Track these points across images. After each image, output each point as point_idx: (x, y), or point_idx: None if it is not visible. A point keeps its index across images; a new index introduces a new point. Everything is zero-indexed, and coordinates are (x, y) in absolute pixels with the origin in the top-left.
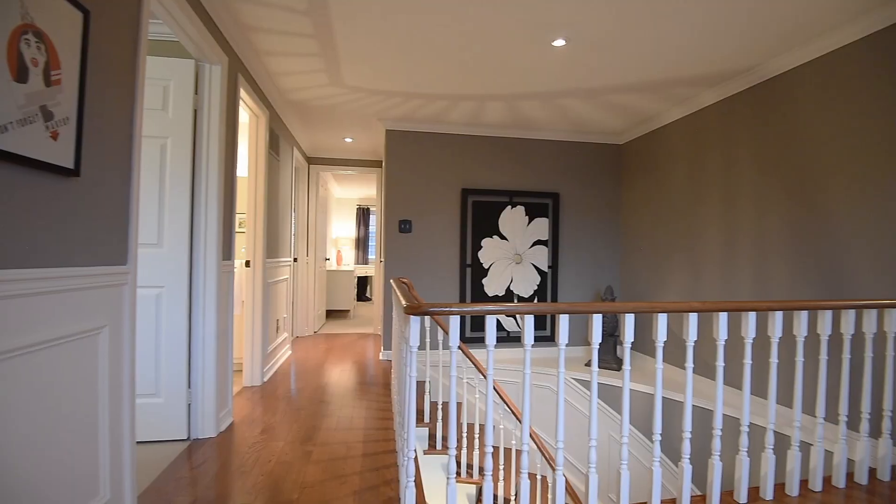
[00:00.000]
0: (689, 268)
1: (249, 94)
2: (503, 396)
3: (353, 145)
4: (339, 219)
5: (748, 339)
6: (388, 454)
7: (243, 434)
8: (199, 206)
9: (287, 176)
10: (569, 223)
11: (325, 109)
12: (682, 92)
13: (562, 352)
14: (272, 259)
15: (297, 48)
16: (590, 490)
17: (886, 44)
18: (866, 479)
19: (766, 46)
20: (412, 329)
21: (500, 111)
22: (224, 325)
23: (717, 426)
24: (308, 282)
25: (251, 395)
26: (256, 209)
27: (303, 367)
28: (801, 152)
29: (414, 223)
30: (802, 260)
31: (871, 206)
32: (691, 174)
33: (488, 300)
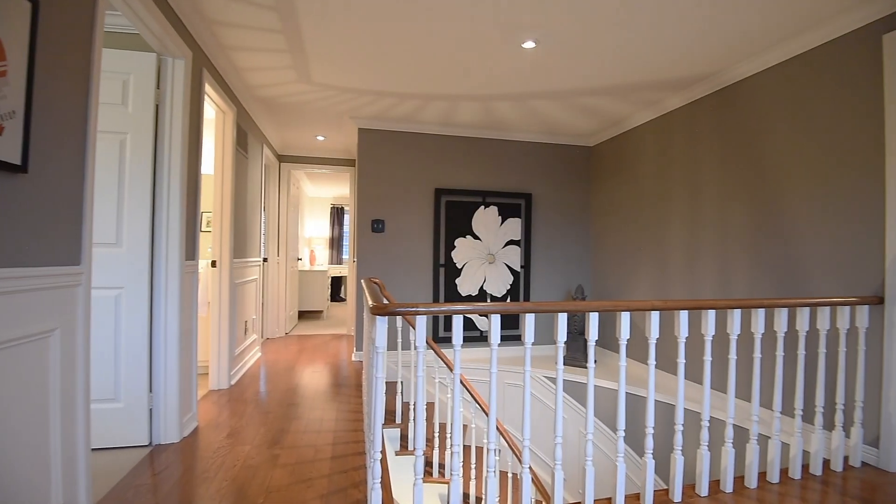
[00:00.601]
0: (656, 267)
1: (216, 89)
2: (475, 395)
3: (326, 144)
4: (313, 218)
5: (707, 336)
6: (358, 456)
7: (208, 439)
8: (161, 204)
9: (256, 174)
10: (541, 223)
11: (295, 107)
12: (649, 96)
13: (527, 350)
14: (240, 259)
15: (264, 44)
16: (555, 486)
17: (838, 53)
18: (821, 469)
19: (728, 53)
20: (378, 329)
21: (473, 112)
22: (188, 327)
23: (679, 421)
24: (279, 282)
25: (217, 399)
26: (223, 208)
27: (273, 370)
28: (761, 155)
29: (387, 223)
30: (762, 259)
31: (824, 207)
32: (658, 176)
33: (462, 300)
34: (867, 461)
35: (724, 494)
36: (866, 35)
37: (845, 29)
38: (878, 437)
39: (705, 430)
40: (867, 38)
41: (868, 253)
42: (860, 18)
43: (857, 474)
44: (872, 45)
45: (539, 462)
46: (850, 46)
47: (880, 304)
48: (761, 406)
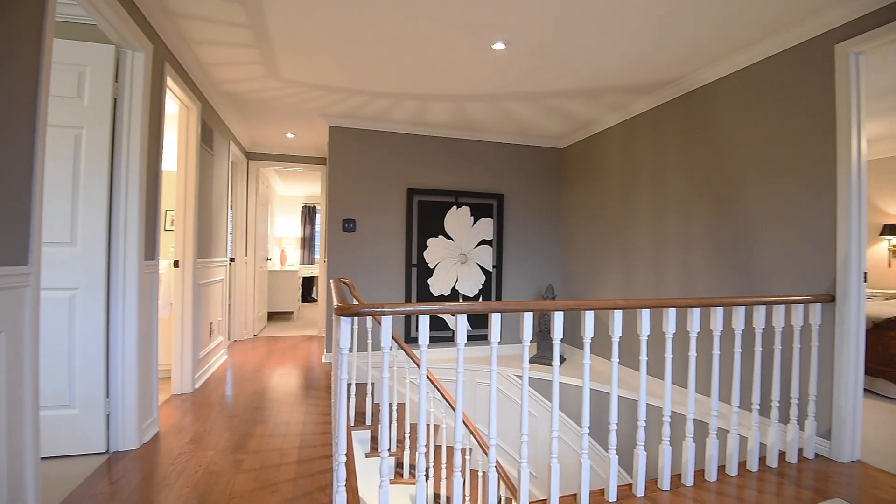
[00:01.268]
0: (623, 267)
1: (178, 83)
2: (445, 394)
3: (296, 141)
4: (284, 217)
5: (668, 334)
6: (325, 459)
7: (169, 444)
8: (119, 201)
9: (223, 171)
10: (513, 224)
11: (263, 103)
12: (616, 99)
13: (494, 350)
14: (205, 259)
15: (229, 38)
16: (521, 484)
17: (793, 61)
18: (777, 461)
19: (691, 59)
20: (343, 330)
21: (445, 112)
22: (147, 330)
23: (641, 418)
24: (247, 283)
25: (180, 404)
26: (186, 206)
27: (239, 373)
28: (722, 159)
29: (358, 222)
30: (723, 259)
31: (780, 210)
32: (625, 178)
33: (434, 300)
34: (820, 452)
35: (685, 488)
36: (820, 44)
37: (800, 38)
38: (830, 429)
39: (666, 425)
40: (821, 47)
41: (821, 253)
42: (814, 28)
43: (810, 465)
44: (825, 55)
45: (510, 459)
46: (805, 55)
47: (832, 303)
48: (720, 401)
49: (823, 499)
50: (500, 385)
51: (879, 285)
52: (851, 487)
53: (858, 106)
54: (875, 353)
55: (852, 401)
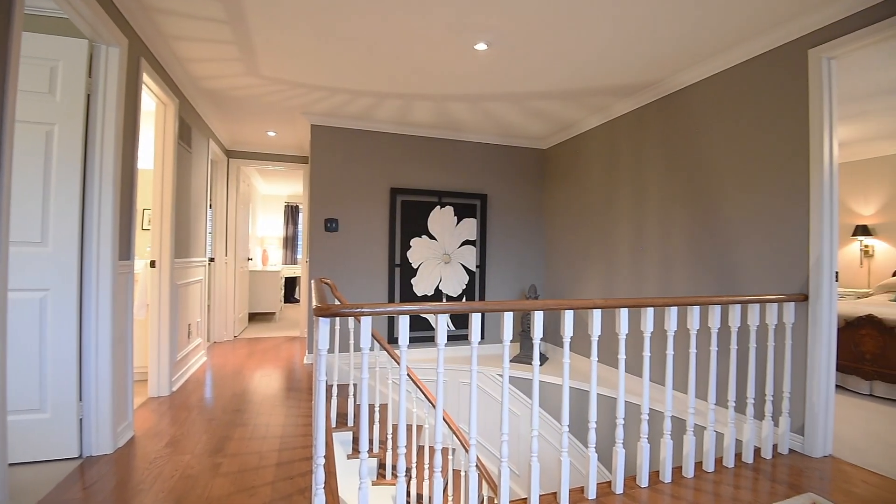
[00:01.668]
0: (605, 266)
1: (155, 80)
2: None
3: (278, 140)
4: (266, 216)
5: (647, 332)
6: (305, 462)
7: (145, 448)
8: (92, 200)
9: (202, 170)
10: (496, 224)
11: (243, 100)
12: (598, 101)
13: (474, 350)
14: (183, 259)
15: (208, 34)
16: (501, 483)
17: (769, 65)
18: (752, 457)
19: (670, 62)
20: (321, 331)
21: (428, 112)
22: (122, 331)
23: (620, 415)
24: (227, 283)
25: (157, 407)
26: (163, 205)
27: (219, 374)
28: (700, 161)
29: (341, 222)
30: (701, 259)
31: (756, 211)
32: (607, 179)
33: (418, 300)
34: (794, 448)
35: (664, 485)
36: (794, 49)
37: (775, 43)
38: (804, 425)
39: (645, 423)
40: (794, 52)
41: (794, 254)
42: (788, 34)
43: (784, 461)
44: (799, 59)
45: (493, 458)
46: (780, 60)
47: (805, 301)
48: (698, 398)
49: (797, 493)
50: (484, 385)
51: (852, 284)
52: (823, 482)
53: (831, 110)
54: (847, 351)
55: (824, 397)
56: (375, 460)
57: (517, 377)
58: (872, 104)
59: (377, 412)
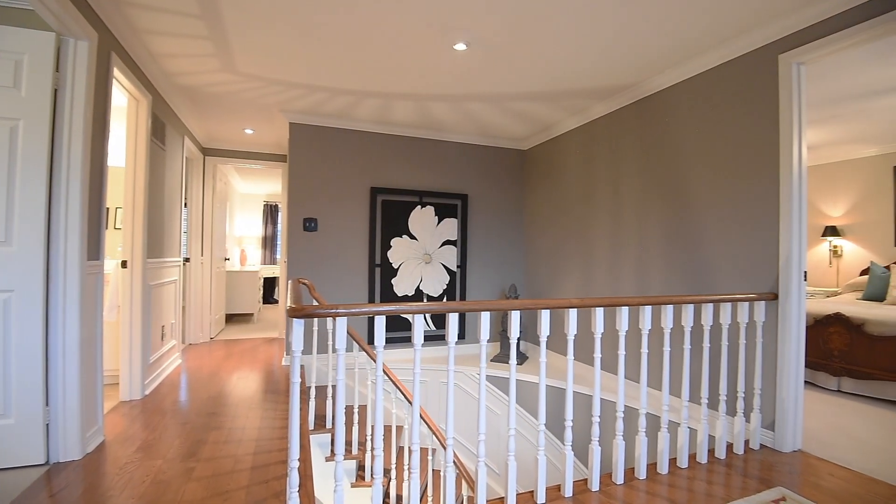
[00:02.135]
0: (583, 266)
1: (127, 75)
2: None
3: (256, 138)
4: (244, 216)
5: (621, 331)
6: (281, 465)
7: (115, 454)
8: (59, 198)
9: (176, 168)
10: (477, 224)
11: (219, 97)
12: (576, 103)
13: (451, 350)
14: (156, 259)
15: (182, 29)
16: (478, 482)
17: (740, 70)
18: (724, 453)
19: (646, 66)
20: (295, 332)
21: (408, 111)
22: (90, 333)
23: (595, 413)
24: (203, 283)
25: (129, 411)
26: (135, 203)
27: (194, 377)
28: (674, 163)
29: (320, 221)
30: (676, 259)
31: (727, 211)
32: (585, 180)
33: (398, 300)
34: (765, 443)
35: (639, 481)
36: (765, 54)
37: (747, 48)
38: (774, 421)
39: (620, 421)
40: (765, 57)
41: (765, 254)
42: (760, 39)
43: (756, 456)
44: (770, 64)
45: (473, 457)
46: (752, 64)
47: (775, 301)
48: (672, 395)
49: (767, 487)
50: (465, 384)
51: (822, 283)
52: (793, 476)
53: (800, 114)
54: (816, 348)
55: (794, 393)
56: (355, 462)
57: (497, 376)
58: (841, 108)
59: (356, 413)
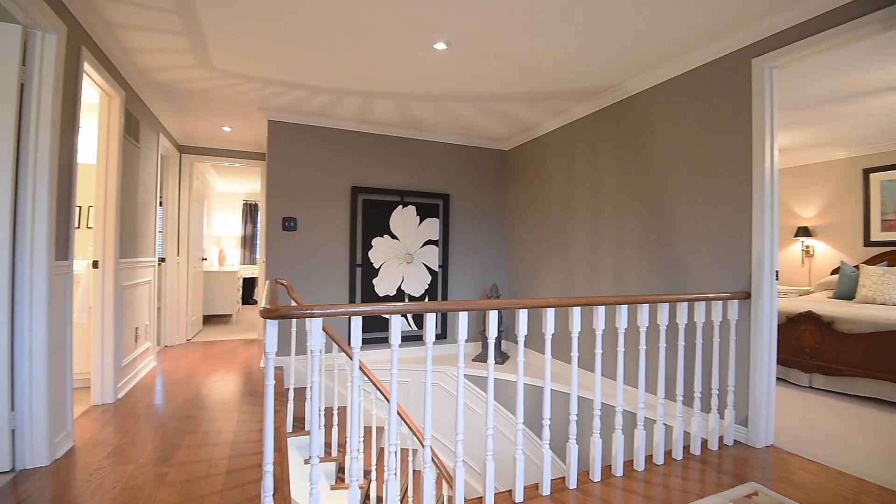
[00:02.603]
0: (563, 266)
1: (98, 70)
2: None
3: (234, 135)
4: (223, 215)
5: (598, 330)
6: (256, 469)
7: (85, 459)
8: (25, 196)
9: (151, 165)
10: (459, 224)
11: (195, 94)
12: (557, 104)
13: (429, 350)
14: (129, 259)
15: (156, 23)
16: (457, 482)
17: (714, 74)
18: (699, 449)
19: (624, 68)
20: (269, 334)
21: (389, 110)
22: (59, 336)
23: (573, 412)
24: (179, 284)
25: (100, 415)
26: (107, 202)
27: (169, 380)
28: (651, 164)
29: (300, 221)
30: (653, 259)
31: (702, 212)
32: (565, 181)
33: (380, 300)
34: (738, 439)
35: (616, 478)
36: (738, 58)
37: (722, 52)
38: (747, 417)
39: (597, 418)
40: (739, 61)
41: (738, 254)
42: (734, 43)
43: (730, 452)
44: (743, 68)
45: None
46: (726, 68)
47: (748, 299)
48: (648, 392)
49: (740, 483)
50: (446, 384)
51: (794, 282)
52: (765, 471)
53: (772, 117)
54: (788, 345)
55: (766, 390)
56: (334, 464)
57: (478, 376)
58: (813, 112)
59: (335, 415)
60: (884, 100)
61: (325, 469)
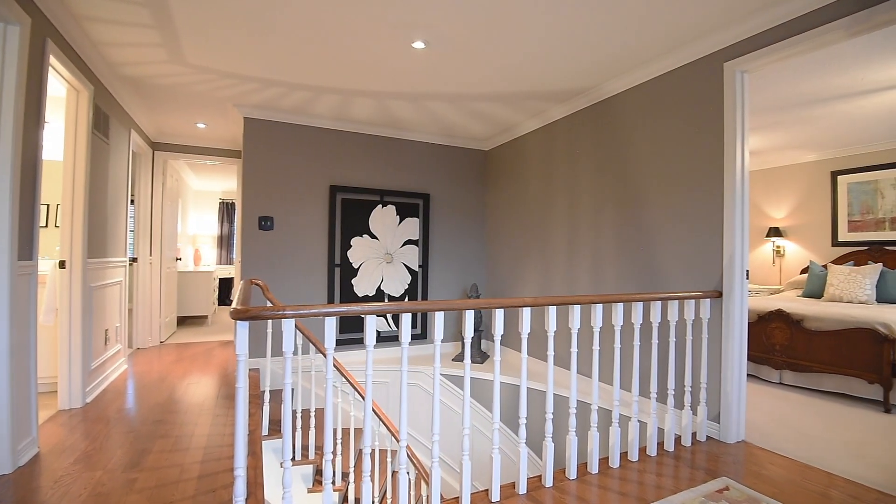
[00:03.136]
0: (542, 265)
1: (65, 63)
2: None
3: (209, 132)
4: (199, 214)
5: (574, 329)
6: (230, 473)
7: (51, 466)
8: None
9: (121, 162)
10: (439, 223)
11: (168, 89)
12: (535, 105)
13: (404, 350)
14: (99, 259)
15: (125, 16)
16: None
17: (688, 77)
18: (673, 446)
19: (600, 71)
20: (239, 336)
21: (368, 108)
22: (23, 339)
23: (549, 410)
24: (152, 285)
25: (68, 420)
26: (74, 200)
27: (141, 383)
28: (627, 165)
29: (276, 220)
30: (629, 258)
31: (676, 213)
32: (544, 181)
33: (359, 300)
34: (711, 435)
35: (591, 476)
36: (711, 62)
37: (695, 56)
38: (719, 413)
39: (573, 416)
40: (712, 65)
41: (710, 254)
42: (707, 48)
43: (703, 447)
44: (716, 72)
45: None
46: (699, 72)
47: (719, 298)
48: (623, 389)
49: (712, 478)
50: (425, 384)
51: (766, 281)
52: (737, 466)
53: (743, 120)
54: (759, 343)
55: (737, 387)
56: (312, 467)
57: (457, 375)
58: (783, 116)
59: (313, 417)
60: (849, 104)
61: (302, 472)
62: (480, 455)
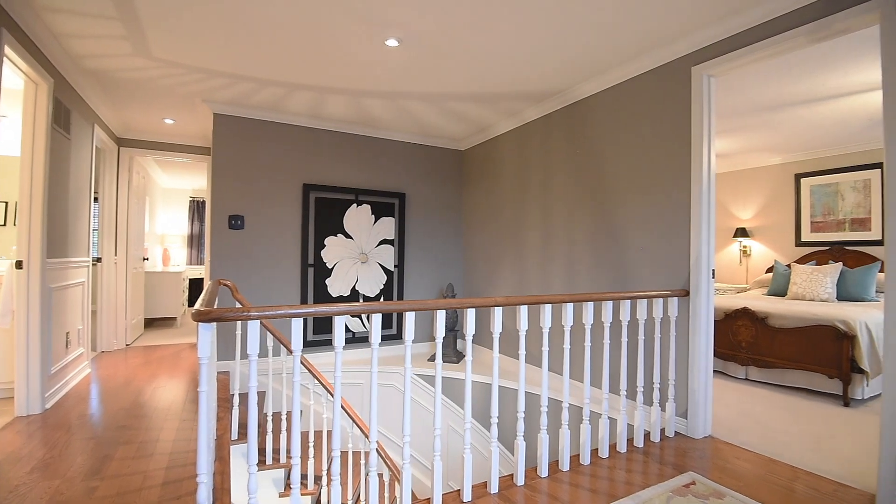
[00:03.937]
0: (518, 265)
1: (22, 55)
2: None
3: (177, 129)
4: (168, 212)
5: (545, 328)
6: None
7: (6, 475)
8: None
9: (84, 159)
10: (415, 223)
11: (133, 83)
12: (510, 106)
13: (374, 351)
14: (59, 259)
15: (85, 7)
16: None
17: (658, 80)
18: (642, 442)
19: (572, 73)
20: (202, 338)
21: (343, 106)
22: None
23: (521, 408)
24: (117, 286)
25: (25, 427)
26: (32, 197)
27: (105, 387)
28: (599, 166)
29: (247, 219)
30: (601, 258)
31: (646, 214)
32: (519, 181)
33: (333, 301)
34: (679, 431)
35: (562, 473)
36: (680, 66)
37: (664, 59)
38: (687, 409)
39: (544, 415)
40: (680, 69)
41: (678, 253)
42: (675, 52)
43: (671, 443)
44: (684, 76)
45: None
46: (668, 75)
47: (687, 297)
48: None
49: (679, 473)
50: (399, 385)
51: (733, 280)
52: (703, 461)
53: (710, 123)
54: (726, 340)
55: (704, 383)
56: (283, 471)
57: (432, 375)
58: (749, 119)
59: (284, 420)
60: (811, 109)
61: (273, 476)
62: (454, 453)
